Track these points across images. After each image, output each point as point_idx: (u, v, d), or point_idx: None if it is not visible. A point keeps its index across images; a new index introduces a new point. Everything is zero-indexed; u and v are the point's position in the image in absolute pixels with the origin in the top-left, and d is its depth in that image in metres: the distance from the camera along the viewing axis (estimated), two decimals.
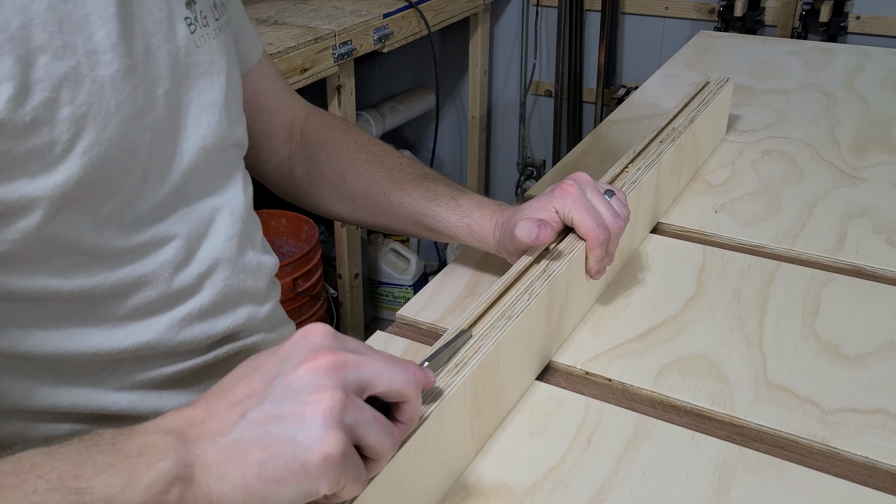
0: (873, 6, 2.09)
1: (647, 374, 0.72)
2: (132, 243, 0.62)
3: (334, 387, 0.45)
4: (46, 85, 0.53)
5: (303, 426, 0.44)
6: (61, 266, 0.58)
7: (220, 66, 0.68)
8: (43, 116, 0.53)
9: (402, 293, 2.40)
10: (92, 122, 0.55)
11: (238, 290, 0.71)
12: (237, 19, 0.79)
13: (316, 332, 0.48)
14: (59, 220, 0.56)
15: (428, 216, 0.82)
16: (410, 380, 0.49)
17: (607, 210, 0.74)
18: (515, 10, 2.53)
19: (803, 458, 0.64)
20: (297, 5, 1.96)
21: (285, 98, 0.88)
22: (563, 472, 0.62)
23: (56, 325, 0.60)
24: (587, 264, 0.75)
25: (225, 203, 0.70)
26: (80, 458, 0.42)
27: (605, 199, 0.75)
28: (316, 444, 0.44)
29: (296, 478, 0.44)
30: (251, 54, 0.83)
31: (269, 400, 0.45)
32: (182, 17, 0.64)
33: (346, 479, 0.45)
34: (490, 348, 0.61)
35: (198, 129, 0.65)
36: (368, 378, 0.47)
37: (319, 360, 0.46)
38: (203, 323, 0.69)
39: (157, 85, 0.61)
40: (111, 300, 0.62)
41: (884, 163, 1.10)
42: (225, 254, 0.69)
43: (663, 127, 0.97)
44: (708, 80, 1.12)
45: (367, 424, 0.46)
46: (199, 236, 0.67)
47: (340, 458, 0.44)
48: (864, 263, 0.88)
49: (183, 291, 0.67)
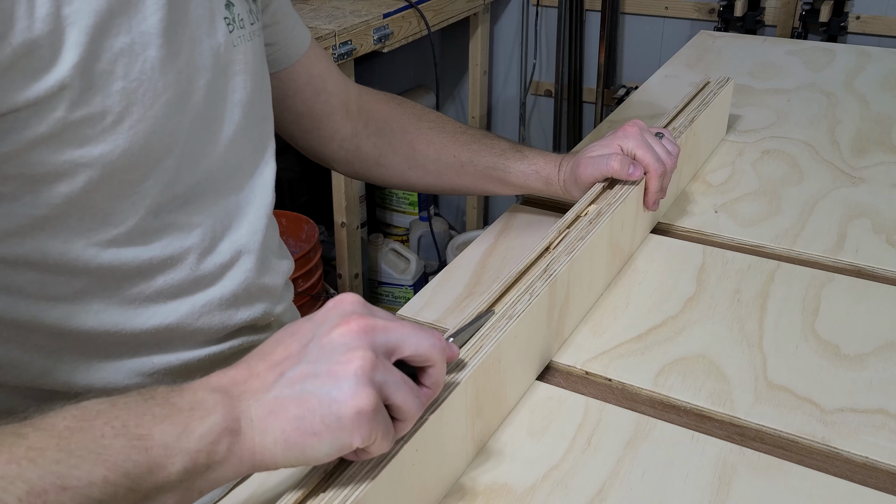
0: (873, 6, 2.09)
1: (647, 374, 0.72)
2: (163, 223, 0.65)
3: (365, 347, 0.48)
4: (105, 56, 0.57)
5: (337, 383, 0.47)
6: (95, 238, 0.61)
7: (253, 68, 0.72)
8: (99, 85, 0.56)
9: (402, 293, 2.40)
10: (141, 99, 0.59)
11: (257, 285, 0.74)
12: (286, 11, 0.84)
13: (347, 301, 0.51)
14: (100, 189, 0.59)
15: (498, 169, 0.90)
16: (435, 345, 0.52)
17: (661, 148, 0.86)
18: (515, 10, 2.53)
19: (803, 458, 0.64)
20: (297, 5, 1.96)
21: (339, 78, 0.93)
22: (563, 472, 0.62)
23: (82, 300, 0.63)
24: (646, 197, 0.86)
25: (252, 199, 0.73)
26: (140, 409, 0.46)
27: (659, 140, 0.87)
28: (349, 398, 0.46)
29: (331, 431, 0.47)
30: (303, 41, 0.88)
31: (306, 360, 0.48)
32: (222, 17, 0.67)
33: (377, 434, 0.48)
34: (491, 348, 0.61)
35: (231, 124, 0.69)
36: (396, 342, 0.50)
37: (351, 324, 0.49)
38: (223, 312, 0.71)
39: (199, 75, 0.64)
40: (137, 279, 0.65)
41: (884, 163, 1.10)
42: (248, 247, 0.73)
43: (664, 127, 0.97)
44: (708, 80, 1.12)
45: (395, 385, 0.49)
46: (224, 227, 0.70)
47: (372, 413, 0.47)
48: (864, 263, 0.88)
49: (206, 278, 0.69)
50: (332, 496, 0.49)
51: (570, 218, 0.79)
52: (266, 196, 0.76)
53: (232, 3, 0.69)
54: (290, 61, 0.86)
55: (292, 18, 0.86)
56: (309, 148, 0.94)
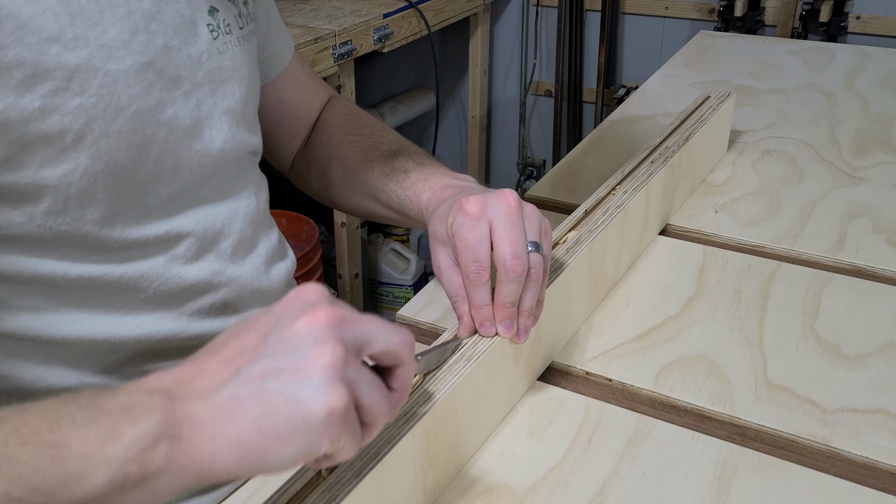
0: (873, 6, 2.09)
1: (647, 374, 0.72)
2: (144, 236, 0.63)
3: (335, 341, 0.43)
4: (57, 74, 0.54)
5: (304, 380, 0.42)
6: (70, 253, 0.59)
7: (242, 74, 0.69)
8: (52, 105, 0.54)
9: (402, 293, 2.40)
10: (102, 115, 0.56)
11: (251, 290, 0.72)
12: (265, 25, 0.79)
13: (310, 290, 0.47)
14: (68, 208, 0.57)
15: (383, 192, 0.77)
16: (405, 341, 0.47)
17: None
18: (515, 10, 2.53)
19: (803, 458, 0.64)
20: (297, 5, 1.96)
21: (310, 101, 0.88)
22: (564, 472, 0.62)
23: (66, 309, 0.61)
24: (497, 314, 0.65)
25: (238, 207, 0.70)
26: (57, 414, 0.40)
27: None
28: (320, 397, 0.42)
29: (298, 433, 0.42)
30: (279, 61, 0.83)
31: (265, 355, 0.43)
32: (205, 24, 0.65)
33: (346, 438, 0.44)
34: (444, 395, 0.57)
35: (219, 133, 0.66)
36: (366, 336, 0.46)
37: (318, 314, 0.44)
38: (215, 319, 0.69)
39: (177, 85, 0.62)
40: (122, 290, 0.63)
41: (884, 163, 1.10)
42: (237, 256, 0.70)
43: (656, 146, 0.93)
44: (708, 95, 1.08)
45: (366, 384, 0.45)
46: (212, 236, 0.68)
47: (344, 414, 0.43)
48: (864, 263, 0.88)
49: (195, 288, 0.67)
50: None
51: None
52: (259, 200, 0.73)
53: (216, 8, 0.66)
54: (264, 80, 0.81)
55: (272, 33, 0.80)
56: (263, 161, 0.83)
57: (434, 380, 0.58)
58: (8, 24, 0.51)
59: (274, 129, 0.81)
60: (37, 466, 0.38)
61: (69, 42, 0.54)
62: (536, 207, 0.64)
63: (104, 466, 0.39)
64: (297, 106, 0.86)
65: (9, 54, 0.51)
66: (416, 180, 0.74)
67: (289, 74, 0.84)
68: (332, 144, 0.85)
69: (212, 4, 0.65)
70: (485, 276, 0.60)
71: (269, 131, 0.83)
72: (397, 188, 0.75)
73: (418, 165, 0.75)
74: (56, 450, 0.39)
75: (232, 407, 0.42)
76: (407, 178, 0.74)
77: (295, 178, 0.91)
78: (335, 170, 0.83)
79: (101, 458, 0.39)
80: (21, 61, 0.52)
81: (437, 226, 0.66)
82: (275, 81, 0.82)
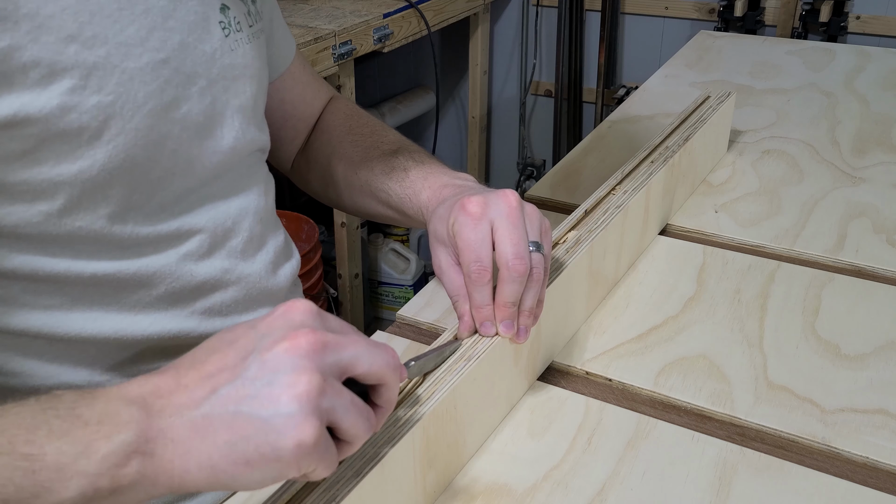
0: (873, 6, 2.09)
1: (647, 374, 0.72)
2: (156, 233, 0.63)
3: (313, 370, 0.43)
4: (75, 73, 0.54)
5: (277, 409, 0.42)
6: (84, 250, 0.59)
7: (252, 71, 0.69)
8: (70, 102, 0.54)
9: (402, 293, 2.40)
10: (119, 112, 0.57)
11: (259, 289, 0.72)
12: (268, 25, 0.79)
13: (297, 309, 0.47)
14: (83, 205, 0.57)
15: (383, 191, 0.77)
16: (389, 363, 0.48)
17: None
18: (515, 10, 2.53)
19: (803, 458, 0.64)
20: (297, 5, 1.96)
21: (311, 102, 0.88)
22: (564, 472, 0.62)
23: (79, 307, 0.61)
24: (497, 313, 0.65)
25: (248, 204, 0.71)
26: (34, 422, 0.41)
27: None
28: (290, 429, 0.42)
29: (266, 462, 0.42)
30: (282, 62, 0.83)
31: (243, 377, 0.43)
32: (216, 22, 0.65)
33: (316, 465, 0.44)
34: (444, 394, 0.57)
35: (231, 130, 0.67)
36: (348, 361, 0.46)
37: (299, 340, 0.44)
38: (226, 318, 0.70)
39: (192, 82, 0.62)
40: (135, 287, 0.63)
41: (884, 163, 1.10)
42: (246, 254, 0.71)
43: (656, 146, 0.93)
44: (708, 95, 1.08)
45: (343, 409, 0.45)
46: (223, 233, 0.68)
47: (313, 446, 0.43)
48: (864, 263, 0.88)
49: (206, 285, 0.68)
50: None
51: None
52: (267, 199, 0.74)
53: (227, 6, 0.67)
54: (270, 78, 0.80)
55: (275, 34, 0.81)
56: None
57: (434, 380, 0.58)
58: (25, 25, 0.52)
59: (275, 129, 0.81)
60: (9, 478, 0.39)
61: (87, 40, 0.55)
62: (536, 207, 0.64)
63: (76, 480, 0.40)
64: (299, 106, 0.87)
65: (25, 54, 0.52)
66: (415, 179, 0.74)
67: (291, 75, 0.85)
68: (332, 144, 0.85)
69: (223, 2, 0.66)
70: (487, 276, 0.61)
71: (271, 131, 0.83)
72: (397, 187, 0.75)
73: (418, 164, 0.75)
74: (30, 462, 0.39)
75: (205, 428, 0.42)
76: (406, 177, 0.75)
77: (296, 178, 0.91)
78: (336, 169, 0.84)
79: (74, 472, 0.40)
80: (37, 61, 0.52)
81: (438, 225, 0.66)
82: (277, 82, 0.83)
